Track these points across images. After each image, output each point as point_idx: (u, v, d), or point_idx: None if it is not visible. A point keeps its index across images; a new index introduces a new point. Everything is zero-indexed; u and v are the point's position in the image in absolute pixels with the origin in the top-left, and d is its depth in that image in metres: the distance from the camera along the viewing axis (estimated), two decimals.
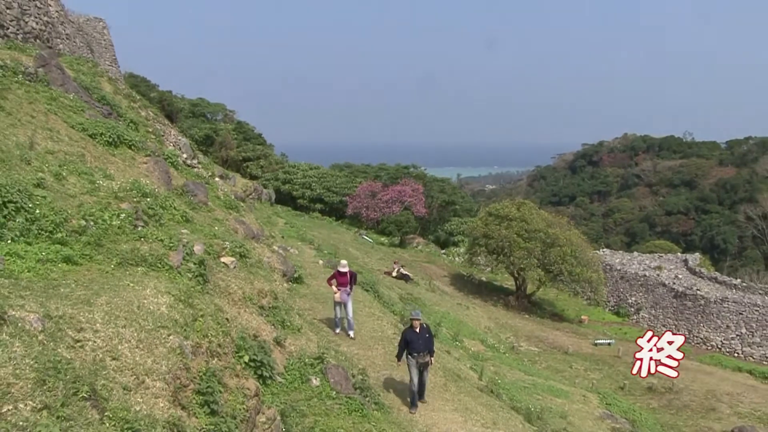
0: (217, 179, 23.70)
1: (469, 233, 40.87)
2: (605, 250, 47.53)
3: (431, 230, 52.06)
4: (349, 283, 13.94)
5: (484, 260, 38.73)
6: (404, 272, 31.46)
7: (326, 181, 52.05)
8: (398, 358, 11.70)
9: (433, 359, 11.84)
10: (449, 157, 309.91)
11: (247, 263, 11.77)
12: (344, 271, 13.99)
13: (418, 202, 47.78)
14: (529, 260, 33.49)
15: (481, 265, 40.19)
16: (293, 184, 51.44)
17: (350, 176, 53.98)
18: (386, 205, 47.15)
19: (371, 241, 42.57)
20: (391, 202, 47.19)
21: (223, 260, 10.89)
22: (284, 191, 50.36)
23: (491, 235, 35.16)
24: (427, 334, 11.61)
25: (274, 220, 30.74)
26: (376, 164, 60.18)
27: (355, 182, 51.76)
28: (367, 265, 30.20)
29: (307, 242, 26.54)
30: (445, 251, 47.43)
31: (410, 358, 11.35)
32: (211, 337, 7.74)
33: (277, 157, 58.07)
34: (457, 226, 49.71)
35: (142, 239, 9.01)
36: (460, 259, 43.92)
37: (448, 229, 50.43)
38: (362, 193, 48.72)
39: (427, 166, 60.50)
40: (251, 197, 31.58)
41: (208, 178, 20.69)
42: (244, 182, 36.53)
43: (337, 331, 14.06)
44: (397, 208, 46.70)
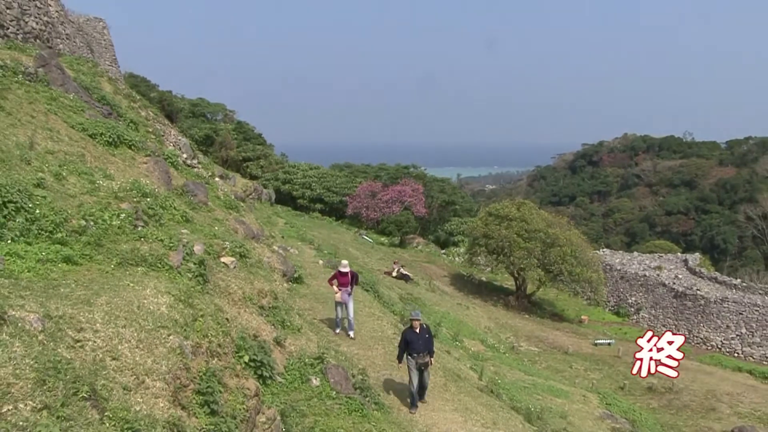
0: (217, 179, 23.70)
1: (469, 233, 40.87)
2: (605, 250, 47.53)
3: (431, 230, 52.05)
4: (350, 283, 13.95)
5: (484, 260, 38.73)
6: (404, 272, 31.45)
7: (326, 181, 52.05)
8: (399, 359, 11.66)
9: (432, 359, 11.82)
10: (449, 157, 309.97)
11: (247, 263, 11.76)
12: (345, 271, 13.99)
13: (418, 202, 47.78)
14: (529, 260, 33.50)
15: (481, 265, 40.18)
16: (293, 184, 51.45)
17: (350, 176, 53.98)
18: (386, 205, 47.15)
19: (371, 241, 42.56)
20: (391, 202, 47.18)
21: (223, 260, 10.89)
22: (284, 191, 50.37)
23: (491, 235, 35.16)
24: (427, 334, 11.59)
25: (274, 220, 30.74)
26: (376, 164, 60.19)
27: (355, 182, 51.76)
28: (367, 265, 30.19)
29: (307, 242, 26.54)
30: (445, 251, 47.42)
31: (410, 358, 11.32)
32: (211, 337, 7.73)
33: (277, 157, 58.07)
34: (457, 226, 49.70)
35: (142, 239, 9.01)
36: (460, 259, 43.92)
37: (448, 229, 50.43)
38: (362, 193, 48.72)
39: (427, 166, 60.54)
40: (251, 197, 31.57)
41: (208, 178, 20.69)
42: (244, 182, 36.54)
43: (337, 331, 14.06)
44: (397, 208, 46.68)
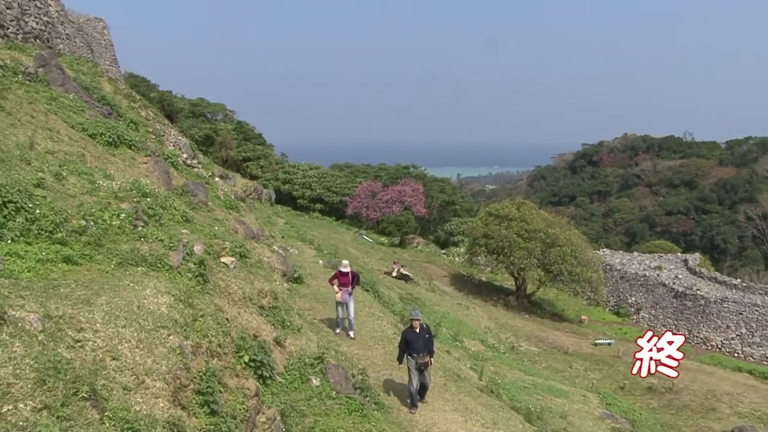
0: (217, 179, 23.70)
1: (469, 233, 40.87)
2: (605, 250, 47.53)
3: (431, 230, 52.06)
4: (350, 283, 13.95)
5: (484, 260, 38.73)
6: (404, 272, 31.45)
7: (326, 181, 52.05)
8: (399, 360, 11.61)
9: (432, 360, 11.82)
10: (449, 157, 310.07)
11: (247, 263, 11.76)
12: (346, 271, 13.98)
13: (418, 202, 47.78)
14: (529, 260, 33.50)
15: (481, 265, 40.18)
16: (293, 184, 51.45)
17: (350, 176, 53.99)
18: (386, 205, 47.15)
19: (371, 241, 42.56)
20: (391, 202, 47.18)
21: (223, 260, 10.89)
22: (284, 191, 50.38)
23: (491, 235, 35.16)
24: (427, 334, 11.58)
25: (274, 220, 30.75)
26: (376, 164, 60.20)
27: (355, 182, 51.77)
28: (367, 265, 30.19)
29: (307, 242, 26.55)
30: (445, 251, 47.42)
31: (410, 358, 11.31)
32: (211, 337, 7.73)
33: (277, 157, 58.07)
34: (457, 226, 49.71)
35: (142, 239, 9.01)
36: (460, 259, 43.92)
37: (448, 229, 50.43)
38: (362, 193, 48.72)
39: (427, 166, 60.56)
40: (251, 197, 31.58)
41: (208, 178, 20.69)
42: (244, 182, 36.55)
43: (337, 331, 14.06)
44: (397, 208, 46.69)
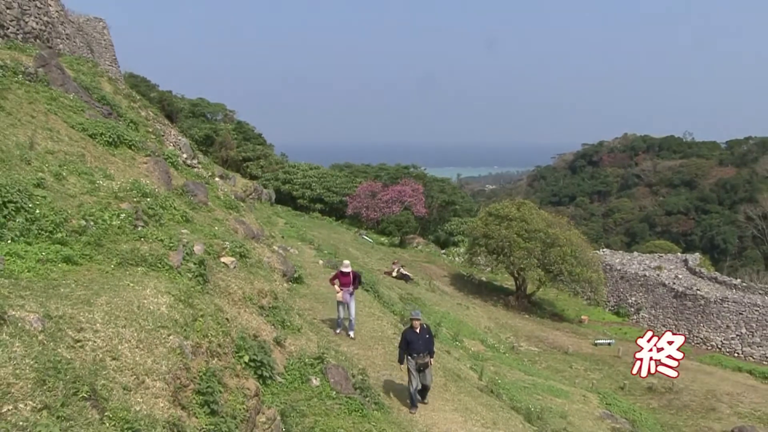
0: (217, 179, 23.70)
1: (469, 233, 40.87)
2: (605, 250, 47.53)
3: (431, 230, 52.07)
4: (351, 283, 13.93)
5: (484, 260, 38.74)
6: (404, 272, 31.45)
7: (326, 181, 52.06)
8: (400, 361, 11.54)
9: (432, 360, 11.81)
10: (449, 157, 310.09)
11: (247, 263, 11.76)
12: (347, 271, 13.96)
13: (418, 202, 47.79)
14: (529, 260, 33.50)
15: (481, 265, 40.19)
16: (293, 184, 51.46)
17: (350, 176, 54.00)
18: (386, 205, 47.16)
19: (371, 241, 42.57)
20: (391, 202, 47.19)
21: (223, 260, 10.89)
22: (284, 191, 50.39)
23: (491, 235, 35.17)
24: (427, 334, 11.57)
25: (274, 220, 30.75)
26: (376, 164, 60.21)
27: (355, 182, 51.78)
28: (367, 265, 30.19)
29: (307, 242, 26.55)
30: (445, 251, 47.43)
31: (410, 358, 11.29)
32: (211, 337, 7.73)
33: (277, 157, 58.09)
34: (457, 226, 49.72)
35: (142, 239, 9.01)
36: (460, 259, 43.92)
37: (448, 229, 50.44)
38: (362, 193, 48.73)
39: (427, 166, 60.59)
40: (251, 197, 31.59)
41: (208, 178, 20.70)
42: (244, 182, 36.57)
43: (337, 331, 14.05)
44: (397, 208, 46.70)
